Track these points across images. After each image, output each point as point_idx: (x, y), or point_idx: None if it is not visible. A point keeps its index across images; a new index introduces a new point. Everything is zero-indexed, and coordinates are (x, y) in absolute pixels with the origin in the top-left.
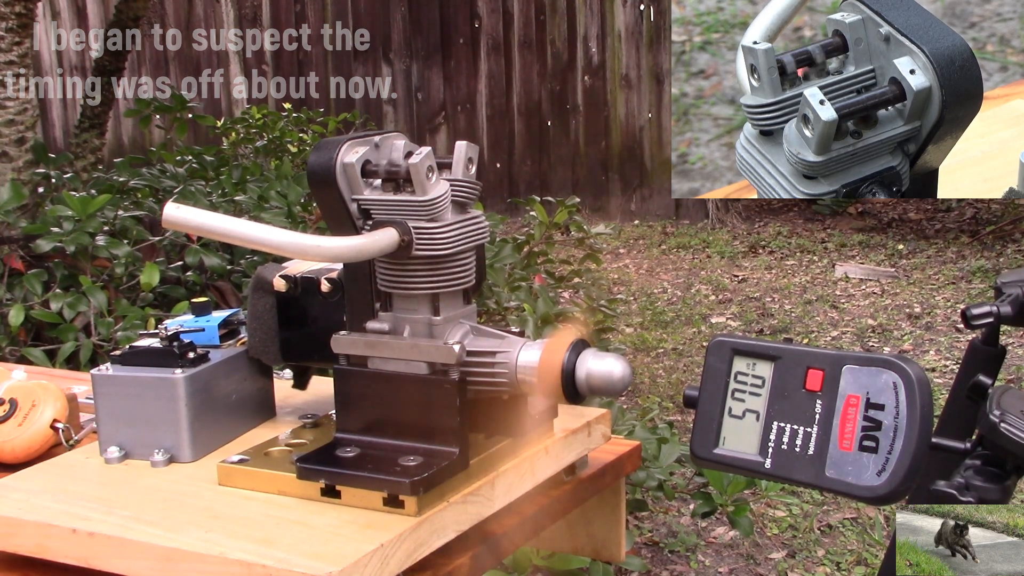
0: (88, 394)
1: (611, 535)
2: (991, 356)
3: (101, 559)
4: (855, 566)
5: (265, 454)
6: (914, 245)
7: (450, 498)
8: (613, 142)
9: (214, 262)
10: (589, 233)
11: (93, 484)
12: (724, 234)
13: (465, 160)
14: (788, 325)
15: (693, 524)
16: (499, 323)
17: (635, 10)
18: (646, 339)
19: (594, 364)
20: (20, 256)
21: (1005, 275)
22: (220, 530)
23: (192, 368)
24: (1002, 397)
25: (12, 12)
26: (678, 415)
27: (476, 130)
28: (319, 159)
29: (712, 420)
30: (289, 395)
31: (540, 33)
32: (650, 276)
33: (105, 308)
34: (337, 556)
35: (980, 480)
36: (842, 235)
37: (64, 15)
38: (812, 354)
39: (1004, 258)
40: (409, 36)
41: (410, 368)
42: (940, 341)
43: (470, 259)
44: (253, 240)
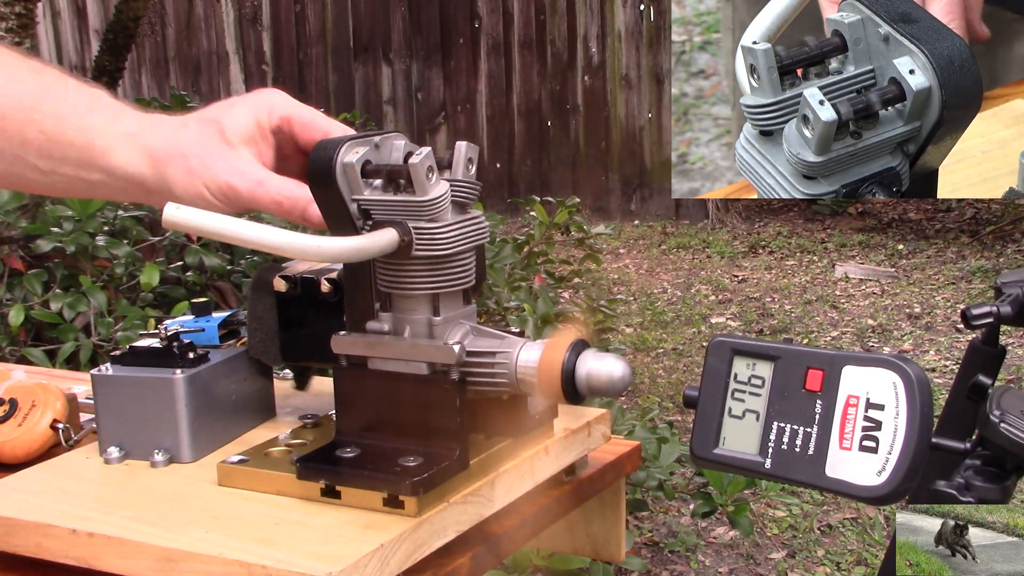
0: (88, 394)
1: (611, 535)
2: (991, 356)
3: (101, 559)
4: (855, 566)
5: (265, 454)
6: (914, 245)
7: (450, 498)
8: (613, 142)
9: (214, 262)
10: (589, 233)
11: (93, 484)
12: (724, 234)
13: (465, 160)
14: (788, 325)
15: (693, 524)
16: (499, 323)
17: (635, 10)
18: (646, 339)
19: (594, 364)
20: (20, 256)
21: (1005, 275)
22: (220, 530)
23: (192, 368)
24: (1002, 397)
25: (12, 12)
26: (678, 415)
27: (476, 130)
28: (319, 159)
29: (712, 420)
30: (289, 395)
31: (540, 33)
32: (650, 276)
33: (105, 308)
34: (337, 556)
35: (980, 480)
36: (842, 235)
37: (64, 15)
38: (812, 354)
39: (1004, 258)
40: (409, 36)
41: (410, 368)
42: (940, 341)
43: (470, 259)
44: (253, 240)
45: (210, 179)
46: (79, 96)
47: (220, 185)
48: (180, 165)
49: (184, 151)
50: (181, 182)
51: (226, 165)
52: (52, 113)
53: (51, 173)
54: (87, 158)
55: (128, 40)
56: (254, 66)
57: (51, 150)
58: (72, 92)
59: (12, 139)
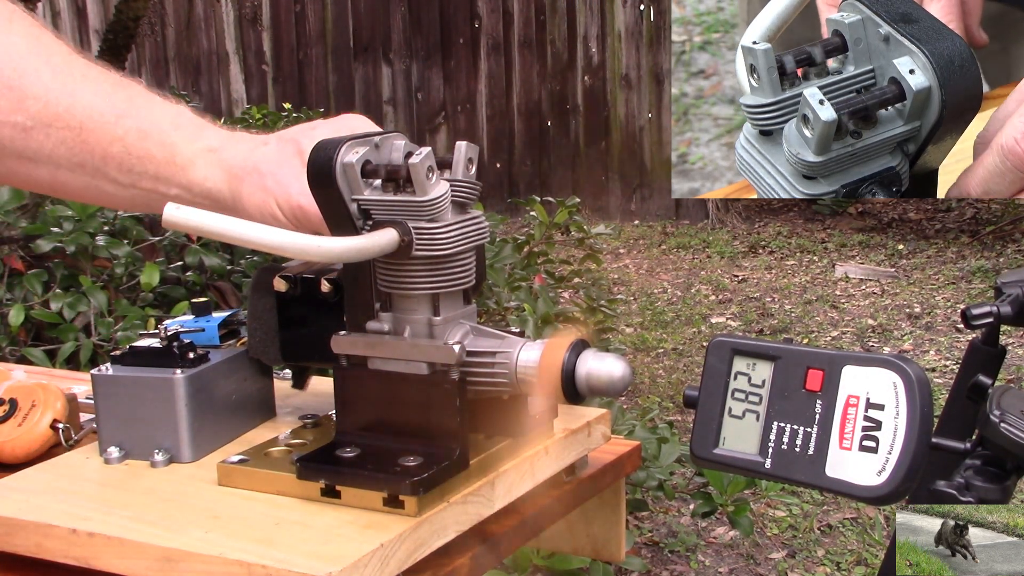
0: (88, 394)
1: (611, 535)
2: (991, 356)
3: (101, 559)
4: (855, 566)
5: (265, 454)
6: (914, 245)
7: (450, 498)
8: (613, 142)
9: (214, 262)
10: (589, 233)
11: (93, 484)
12: (724, 234)
13: (465, 160)
14: (788, 325)
15: (693, 524)
16: (499, 323)
17: (635, 10)
18: (646, 339)
19: (594, 364)
20: (20, 256)
21: (1005, 275)
22: (220, 530)
23: (192, 368)
24: (1002, 397)
25: None
26: (678, 415)
27: (476, 130)
28: (319, 159)
29: (712, 420)
30: (289, 395)
31: (540, 33)
32: (650, 276)
33: (105, 308)
34: (337, 556)
35: (980, 480)
36: (842, 235)
37: (64, 15)
38: (812, 354)
39: (1004, 258)
40: (409, 36)
41: (410, 368)
42: (940, 341)
43: (470, 259)
44: (253, 240)
45: (283, 198)
46: (163, 111)
47: (292, 205)
48: (255, 182)
49: (261, 168)
50: (254, 199)
51: (300, 186)
52: (135, 128)
53: (130, 187)
54: (167, 173)
55: (128, 40)
56: (254, 66)
57: (132, 164)
58: (156, 107)
59: (94, 152)
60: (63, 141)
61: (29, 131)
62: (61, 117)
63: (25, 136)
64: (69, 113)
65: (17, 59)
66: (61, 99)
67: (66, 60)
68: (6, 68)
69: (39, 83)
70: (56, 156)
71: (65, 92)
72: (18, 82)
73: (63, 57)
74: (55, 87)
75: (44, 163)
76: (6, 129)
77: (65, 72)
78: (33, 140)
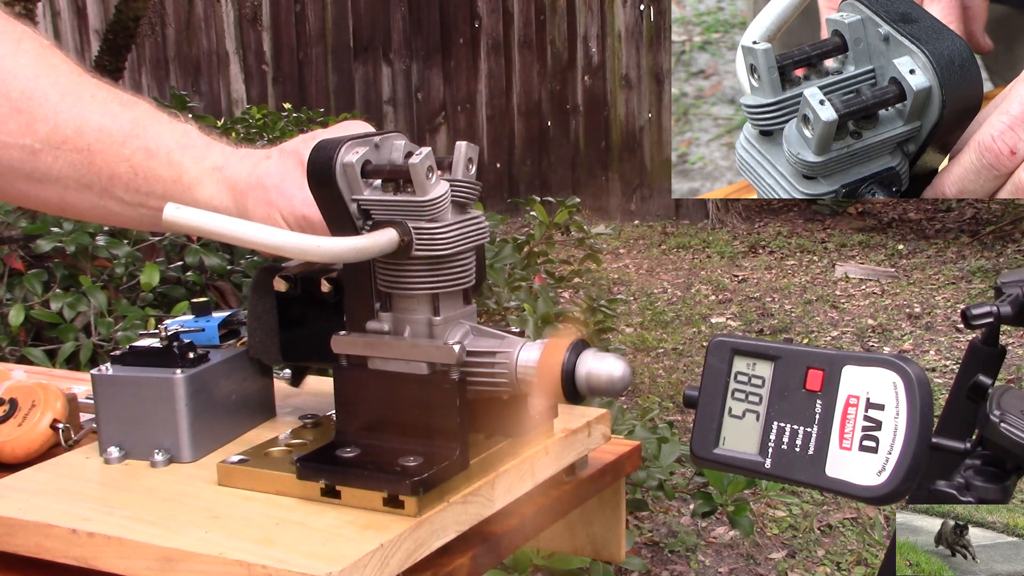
0: (88, 394)
1: (611, 535)
2: (991, 356)
3: (101, 559)
4: (855, 566)
5: (265, 454)
6: (914, 245)
7: (450, 498)
8: (613, 142)
9: (214, 262)
10: (589, 233)
11: (93, 484)
12: (724, 234)
13: (465, 160)
14: (788, 325)
15: (693, 524)
16: (499, 323)
17: (635, 10)
18: (646, 339)
19: (594, 364)
20: (20, 256)
21: (1005, 275)
22: (220, 530)
23: (192, 368)
24: (1002, 397)
25: (12, 12)
26: (678, 415)
27: (476, 130)
28: (318, 159)
29: (712, 420)
30: (289, 395)
31: (540, 33)
32: (650, 276)
33: (105, 308)
34: (337, 556)
35: (980, 480)
36: (842, 235)
37: (64, 15)
38: (812, 354)
39: (1004, 258)
40: (409, 36)
41: (410, 368)
42: (940, 341)
43: (470, 259)
44: (253, 240)
45: (287, 210)
46: (170, 131)
47: (296, 216)
48: (260, 196)
49: (264, 183)
50: (260, 213)
51: (304, 196)
52: (142, 148)
53: (138, 206)
54: (174, 192)
55: (128, 40)
56: (254, 66)
57: (139, 185)
58: (163, 127)
59: (101, 173)
60: (71, 163)
61: (38, 153)
62: (70, 139)
63: (34, 158)
64: (77, 135)
65: (25, 82)
66: (70, 121)
67: (74, 81)
68: (15, 91)
69: (48, 106)
70: (64, 177)
71: (73, 114)
72: (27, 105)
73: (71, 78)
74: (63, 109)
75: (52, 184)
76: (15, 151)
77: (73, 94)
78: (42, 162)
